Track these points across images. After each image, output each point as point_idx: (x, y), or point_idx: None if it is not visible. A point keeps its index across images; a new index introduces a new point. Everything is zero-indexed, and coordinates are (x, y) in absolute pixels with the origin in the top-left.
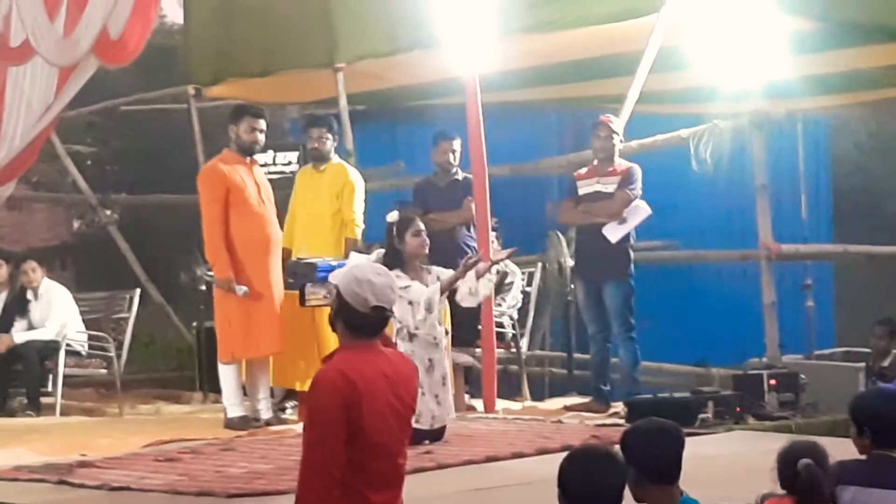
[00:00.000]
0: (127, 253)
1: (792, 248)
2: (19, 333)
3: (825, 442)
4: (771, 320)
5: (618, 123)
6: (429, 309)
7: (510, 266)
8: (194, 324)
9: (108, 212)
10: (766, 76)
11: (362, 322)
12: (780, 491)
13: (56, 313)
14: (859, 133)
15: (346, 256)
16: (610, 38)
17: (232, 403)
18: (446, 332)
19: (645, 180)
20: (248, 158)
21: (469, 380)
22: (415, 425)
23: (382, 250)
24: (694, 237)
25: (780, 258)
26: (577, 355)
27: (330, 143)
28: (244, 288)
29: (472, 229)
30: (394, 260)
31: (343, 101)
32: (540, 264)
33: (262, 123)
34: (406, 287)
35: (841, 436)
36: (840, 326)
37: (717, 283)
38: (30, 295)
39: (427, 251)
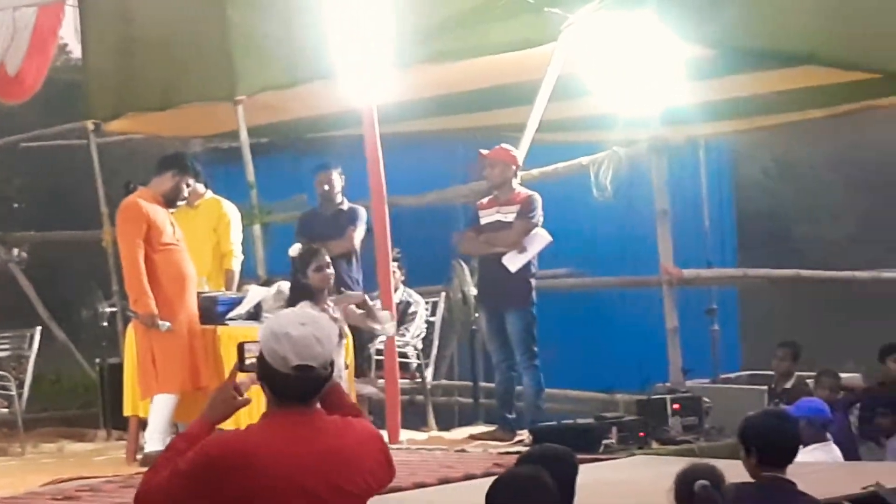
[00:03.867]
0: (28, 291)
1: (693, 272)
2: None
3: (727, 465)
4: (674, 345)
5: (514, 152)
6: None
7: (413, 296)
8: (97, 360)
9: (16, 251)
10: (665, 103)
11: (285, 385)
12: None
13: None
14: (763, 158)
15: (228, 289)
16: (509, 67)
17: (155, 438)
18: (346, 366)
19: (546, 208)
20: None
21: (373, 411)
22: None
23: (284, 283)
24: (597, 264)
25: (682, 283)
26: (483, 384)
27: (201, 186)
28: (167, 323)
29: (353, 261)
30: (300, 293)
31: (244, 134)
32: (444, 294)
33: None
34: None
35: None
36: (745, 350)
37: (621, 309)
38: None
39: (331, 284)
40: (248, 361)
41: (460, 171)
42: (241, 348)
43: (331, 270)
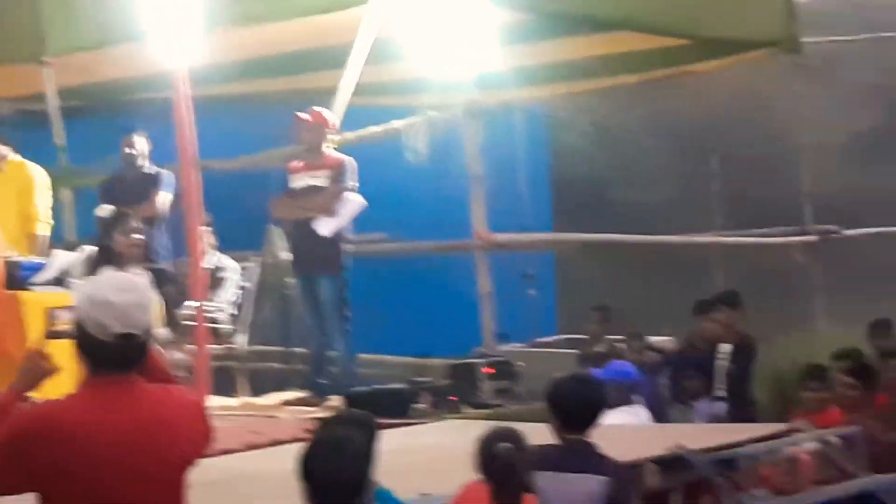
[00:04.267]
0: None
1: (506, 237)
2: None
3: (537, 428)
4: (487, 310)
5: (328, 115)
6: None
7: (225, 261)
8: None
9: None
10: (479, 67)
11: (105, 354)
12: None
13: None
14: (581, 123)
15: (33, 253)
16: (323, 30)
17: None
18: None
19: (362, 172)
20: None
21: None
22: None
23: (91, 248)
24: (414, 229)
25: (496, 248)
26: (299, 350)
27: (3, 148)
28: None
29: (159, 227)
30: (105, 258)
31: (52, 97)
32: (258, 259)
33: None
34: None
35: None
36: (562, 315)
37: (438, 274)
38: None
39: (139, 251)
40: (57, 328)
41: (277, 134)
42: (49, 315)
43: (139, 235)
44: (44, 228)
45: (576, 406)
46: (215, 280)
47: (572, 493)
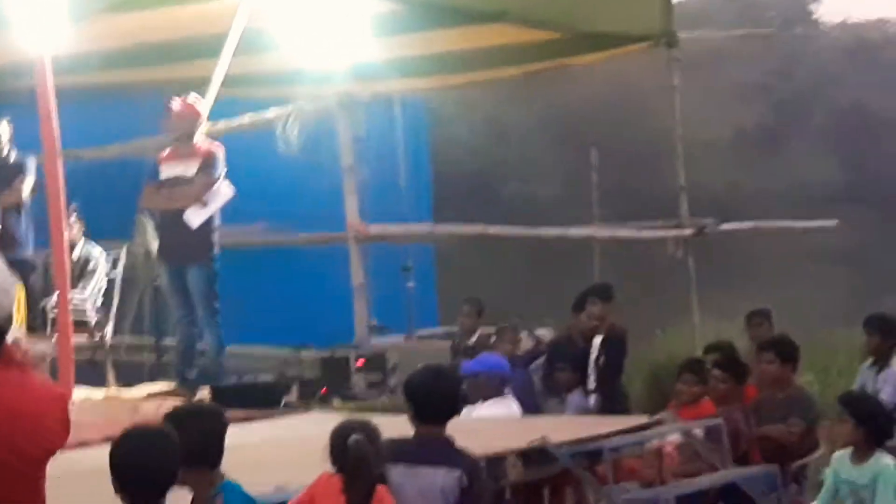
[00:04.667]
0: None
1: (380, 228)
2: None
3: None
4: (360, 302)
5: (200, 105)
6: None
7: (94, 251)
8: None
9: None
10: (354, 58)
11: None
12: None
13: None
14: (461, 115)
15: None
16: (193, 19)
17: None
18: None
19: (235, 162)
20: None
21: (49, 369)
22: None
23: None
24: (287, 220)
25: (369, 239)
26: (169, 342)
27: None
28: None
29: (22, 214)
30: None
31: None
32: (125, 249)
33: None
34: None
35: None
36: (442, 307)
37: (314, 265)
38: None
39: None
40: None
41: (149, 124)
42: None
43: None
44: None
45: (430, 398)
46: (83, 270)
47: (425, 486)
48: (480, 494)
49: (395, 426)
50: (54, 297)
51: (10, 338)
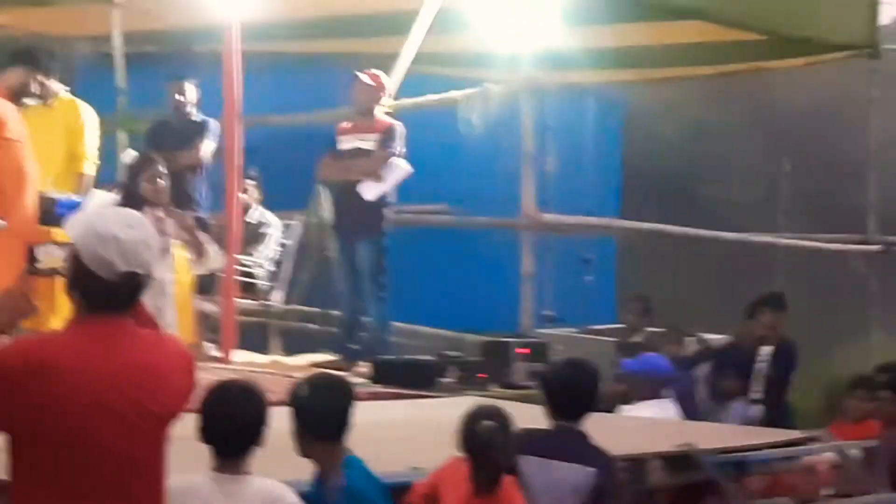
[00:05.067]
0: None
1: (555, 218)
2: None
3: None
4: (527, 290)
5: (385, 79)
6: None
7: (267, 217)
8: None
9: None
10: (542, 45)
11: (105, 293)
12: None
13: None
14: (655, 111)
15: (78, 193)
16: None
17: None
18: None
19: (417, 141)
20: None
21: (214, 329)
22: None
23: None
24: (466, 202)
25: (543, 228)
26: (335, 312)
27: (56, 83)
28: (3, 221)
29: (199, 175)
30: (130, 203)
31: (117, 39)
32: (303, 218)
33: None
34: None
35: None
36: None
37: (489, 249)
38: None
39: (164, 196)
40: (42, 266)
41: (339, 95)
42: (31, 252)
43: (164, 182)
44: (90, 168)
45: (568, 392)
46: (256, 235)
47: (557, 481)
48: (613, 494)
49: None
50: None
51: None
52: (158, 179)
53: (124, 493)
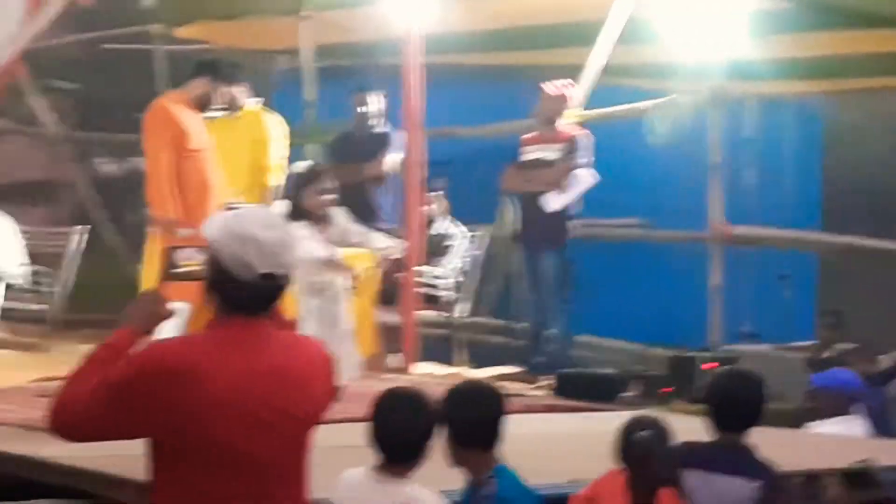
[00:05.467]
0: (89, 191)
1: (744, 230)
2: None
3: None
4: (716, 304)
5: (570, 90)
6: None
7: (453, 229)
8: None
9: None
10: (730, 54)
11: (245, 295)
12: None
13: None
14: (858, 122)
15: (265, 204)
16: (573, 5)
17: None
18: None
19: (605, 152)
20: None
21: (397, 339)
22: None
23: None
24: (654, 214)
25: (730, 241)
26: (521, 325)
27: (243, 94)
28: (188, 231)
29: (384, 187)
30: (296, 213)
31: (306, 51)
32: (490, 229)
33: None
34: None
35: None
36: None
37: (679, 262)
38: None
39: (329, 208)
40: (180, 270)
41: (522, 107)
42: (170, 254)
43: (331, 196)
44: (275, 180)
45: (732, 404)
46: (442, 247)
47: (720, 495)
48: None
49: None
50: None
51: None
52: (326, 192)
53: (266, 498)
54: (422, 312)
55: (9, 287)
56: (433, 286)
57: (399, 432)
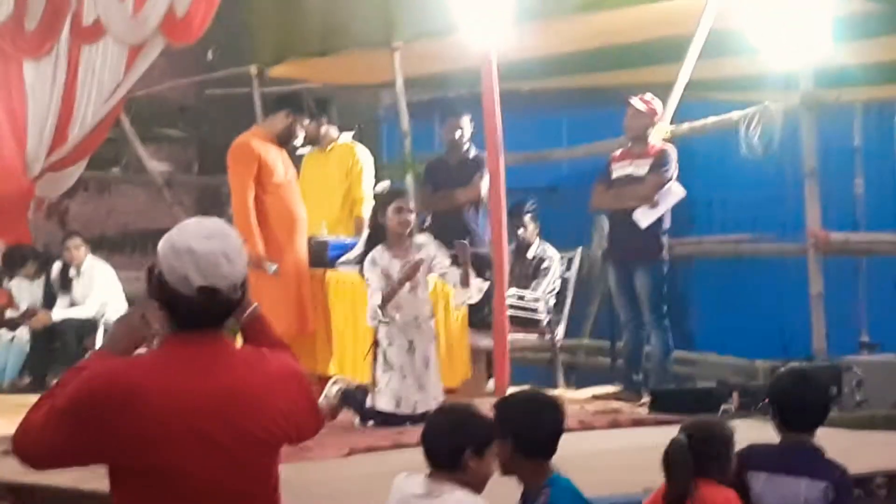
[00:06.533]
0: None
1: (842, 236)
2: (59, 311)
3: (864, 436)
4: (817, 312)
5: (657, 104)
6: (373, 317)
7: (548, 251)
8: None
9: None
10: (821, 61)
11: (186, 310)
12: None
13: (97, 291)
14: None
15: (358, 234)
16: (656, 21)
17: None
18: (432, 315)
19: (696, 165)
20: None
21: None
22: (394, 410)
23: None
24: (755, 227)
25: (829, 249)
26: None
27: (333, 130)
28: (275, 265)
29: (479, 210)
30: (376, 235)
31: (399, 82)
32: (580, 248)
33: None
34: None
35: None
36: None
37: (781, 273)
38: (72, 272)
39: (409, 231)
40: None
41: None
42: (150, 271)
43: (411, 216)
44: (367, 211)
45: (797, 403)
46: (536, 270)
47: (787, 496)
48: None
49: (842, 441)
50: (508, 294)
51: (256, 311)
52: (406, 213)
53: None
54: (519, 336)
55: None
56: (532, 309)
57: (438, 439)
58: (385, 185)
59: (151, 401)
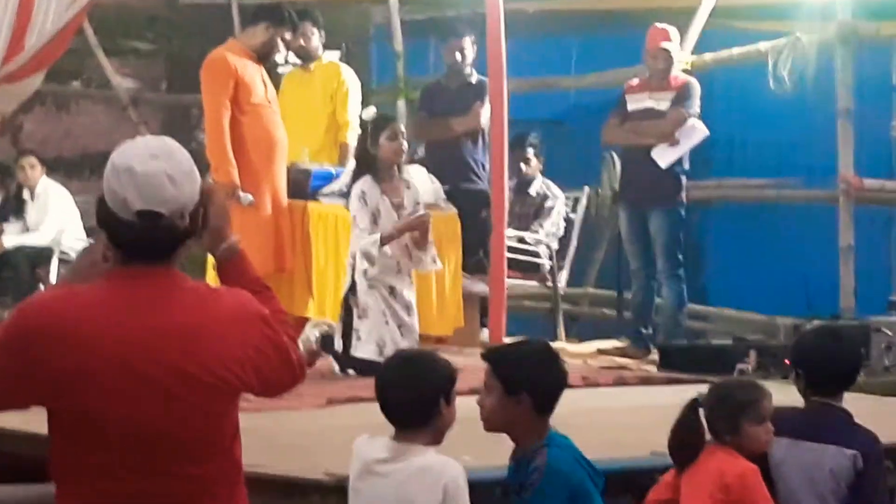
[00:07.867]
0: None
1: (877, 183)
2: (11, 237)
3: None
4: (846, 266)
5: (675, 33)
6: (369, 261)
7: (552, 189)
8: None
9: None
10: None
11: (125, 236)
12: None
13: (52, 216)
14: None
15: (342, 163)
16: None
17: None
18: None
19: (717, 100)
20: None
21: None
22: (378, 358)
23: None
24: (782, 171)
25: (862, 196)
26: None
27: (317, 40)
28: (249, 196)
29: (479, 142)
30: (365, 165)
31: (394, 2)
32: (587, 189)
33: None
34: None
35: None
36: None
37: (809, 223)
38: (26, 195)
39: (403, 158)
40: None
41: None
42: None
43: (404, 143)
44: (353, 137)
45: (823, 365)
46: (539, 210)
47: (811, 464)
48: (878, 481)
49: (868, 408)
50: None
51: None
52: (399, 139)
53: (169, 472)
54: (517, 282)
55: (62, 262)
56: (532, 253)
57: (407, 393)
58: (371, 111)
59: (83, 335)
